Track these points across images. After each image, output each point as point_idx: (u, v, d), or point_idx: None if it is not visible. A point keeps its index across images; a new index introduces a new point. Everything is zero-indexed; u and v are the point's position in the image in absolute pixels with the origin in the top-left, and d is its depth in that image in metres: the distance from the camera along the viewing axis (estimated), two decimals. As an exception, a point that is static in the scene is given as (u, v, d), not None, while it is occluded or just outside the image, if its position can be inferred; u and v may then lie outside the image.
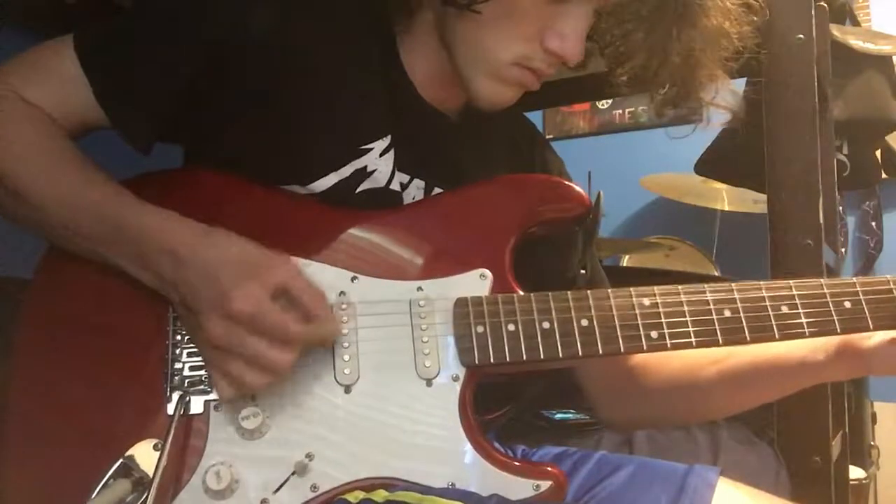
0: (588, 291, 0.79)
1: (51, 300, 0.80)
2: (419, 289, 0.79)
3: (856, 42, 1.81)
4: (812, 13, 1.23)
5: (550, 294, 0.79)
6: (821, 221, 1.20)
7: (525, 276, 0.82)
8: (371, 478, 0.73)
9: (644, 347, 0.77)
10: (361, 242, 0.81)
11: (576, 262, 1.03)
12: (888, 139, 2.20)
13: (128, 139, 0.84)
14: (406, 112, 0.89)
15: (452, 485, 0.73)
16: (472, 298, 0.79)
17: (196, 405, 0.74)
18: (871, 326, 0.79)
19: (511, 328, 0.77)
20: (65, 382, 0.76)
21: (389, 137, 0.87)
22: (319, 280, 0.76)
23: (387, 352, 0.77)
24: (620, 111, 3.31)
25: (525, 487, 0.74)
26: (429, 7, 0.87)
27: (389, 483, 0.73)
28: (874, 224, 2.84)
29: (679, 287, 0.79)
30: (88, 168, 0.79)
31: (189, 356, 0.76)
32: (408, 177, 0.88)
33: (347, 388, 0.75)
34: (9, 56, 0.84)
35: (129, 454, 0.71)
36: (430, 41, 0.88)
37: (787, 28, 1.22)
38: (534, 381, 1.03)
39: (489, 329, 0.77)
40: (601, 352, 0.77)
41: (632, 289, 0.79)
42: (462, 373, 0.77)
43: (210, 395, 0.75)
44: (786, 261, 1.20)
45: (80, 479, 0.70)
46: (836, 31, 1.75)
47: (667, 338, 0.77)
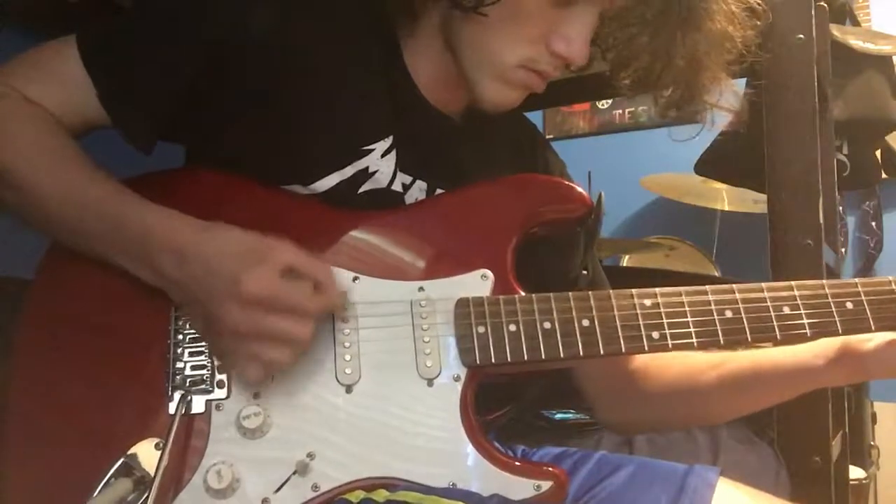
0: (589, 292, 0.79)
1: (51, 300, 0.80)
2: (420, 289, 0.79)
3: (856, 42, 1.81)
4: (812, 13, 1.23)
5: (552, 294, 0.79)
6: (821, 221, 1.20)
7: (526, 277, 0.82)
8: (372, 477, 0.73)
9: (645, 348, 0.78)
10: (363, 243, 0.82)
11: (577, 263, 1.03)
12: (888, 139, 2.20)
13: (129, 139, 0.84)
14: (408, 113, 0.89)
15: (453, 485, 0.74)
16: (474, 299, 0.79)
17: (197, 404, 0.74)
18: (873, 327, 0.79)
19: (512, 328, 0.77)
20: (66, 382, 0.76)
21: (391, 138, 0.87)
22: None
23: (388, 352, 0.77)
24: (620, 111, 3.31)
25: (526, 487, 0.74)
26: (434, 9, 0.86)
27: (390, 483, 0.73)
28: (874, 224, 2.84)
29: (681, 288, 0.79)
30: (90, 166, 0.80)
31: (191, 355, 0.76)
32: (410, 178, 0.88)
33: (349, 388, 0.76)
34: (9, 56, 0.84)
35: (131, 453, 0.71)
36: (435, 43, 0.88)
37: (787, 28, 1.22)
38: (534, 382, 1.03)
39: (490, 329, 0.77)
40: (602, 352, 0.77)
41: (633, 290, 0.79)
42: (463, 373, 0.77)
43: (212, 395, 0.75)
44: (786, 261, 1.20)
45: (82, 479, 0.70)
46: (836, 31, 1.75)
47: (668, 338, 0.78)
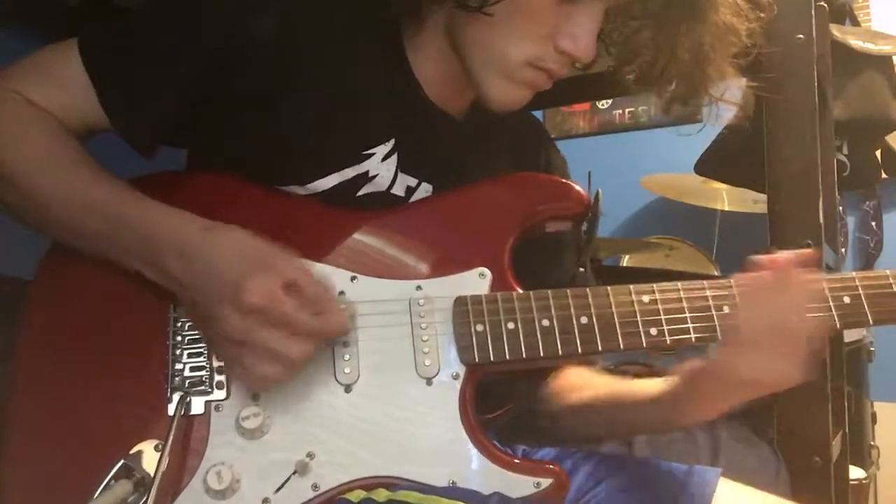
0: (587, 289, 0.79)
1: (51, 301, 0.80)
2: (418, 288, 0.79)
3: (856, 42, 1.81)
4: (812, 13, 1.23)
5: (550, 292, 0.79)
6: (821, 221, 1.20)
7: (524, 275, 0.82)
8: (372, 477, 0.73)
9: (644, 344, 0.78)
10: (361, 242, 0.82)
11: (575, 261, 1.03)
12: (888, 139, 2.20)
13: (131, 143, 0.84)
14: (412, 114, 0.88)
15: (453, 483, 0.74)
16: (472, 297, 0.79)
17: (197, 406, 0.74)
18: (871, 321, 0.79)
19: (511, 326, 0.77)
20: (65, 383, 0.76)
21: (393, 141, 0.86)
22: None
23: (387, 351, 0.77)
24: (620, 111, 3.31)
25: (526, 485, 0.74)
26: (438, 10, 0.86)
27: (390, 482, 0.73)
28: (874, 224, 2.84)
29: (678, 284, 0.79)
30: (94, 167, 0.80)
31: (190, 357, 0.76)
32: (415, 180, 0.88)
33: (348, 388, 0.76)
34: (9, 56, 0.84)
35: (130, 455, 0.71)
36: (439, 43, 0.88)
37: (787, 28, 1.21)
38: (534, 380, 1.03)
39: (489, 327, 0.77)
40: (601, 349, 0.77)
41: (631, 286, 0.79)
42: (462, 371, 0.77)
43: (211, 396, 0.75)
44: (786, 261, 1.20)
45: (81, 480, 0.70)
46: (836, 31, 1.75)
47: (666, 334, 0.78)
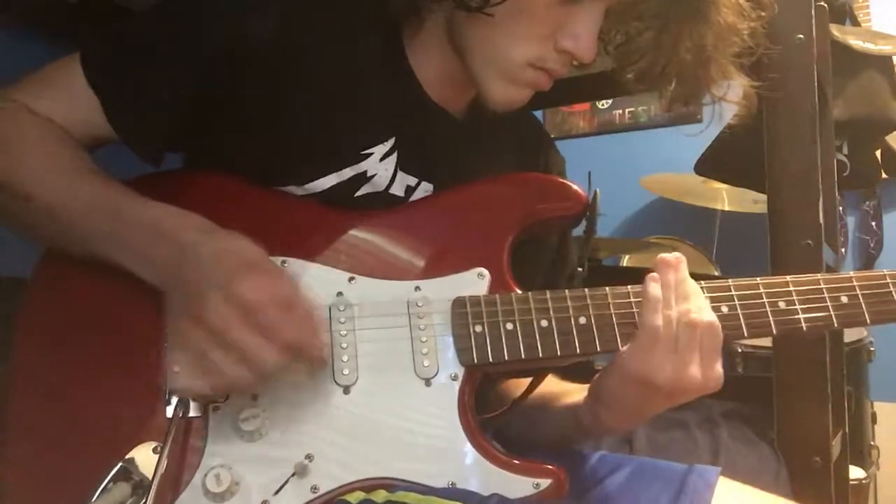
0: (586, 290, 0.79)
1: (49, 301, 0.80)
2: (417, 289, 0.79)
3: (856, 42, 1.81)
4: (812, 13, 1.23)
5: (548, 293, 0.79)
6: (821, 221, 1.20)
7: (522, 275, 0.82)
8: (371, 478, 0.73)
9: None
10: (359, 243, 0.81)
11: (573, 261, 1.03)
12: (888, 139, 2.20)
13: (139, 154, 0.84)
14: (412, 113, 0.88)
15: (453, 484, 0.73)
16: (471, 298, 0.79)
17: (195, 408, 0.74)
18: (868, 321, 0.79)
19: (509, 327, 0.77)
20: (63, 385, 0.76)
21: (393, 140, 0.86)
22: (317, 281, 0.76)
23: (385, 352, 0.77)
24: (620, 111, 3.31)
25: (525, 486, 0.74)
26: (439, 10, 0.86)
27: (389, 483, 0.73)
28: (874, 224, 2.84)
29: None
30: (94, 169, 0.80)
31: (188, 358, 0.76)
32: (415, 180, 0.88)
33: (346, 389, 0.75)
34: (9, 56, 0.84)
35: (129, 457, 0.71)
36: (439, 43, 0.88)
37: (787, 28, 1.21)
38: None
39: (487, 328, 0.77)
40: (599, 349, 0.77)
41: (629, 287, 0.79)
42: (461, 372, 0.77)
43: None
44: (786, 261, 1.20)
45: (80, 483, 0.70)
46: (836, 31, 1.75)
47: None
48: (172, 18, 0.84)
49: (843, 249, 2.77)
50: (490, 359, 0.77)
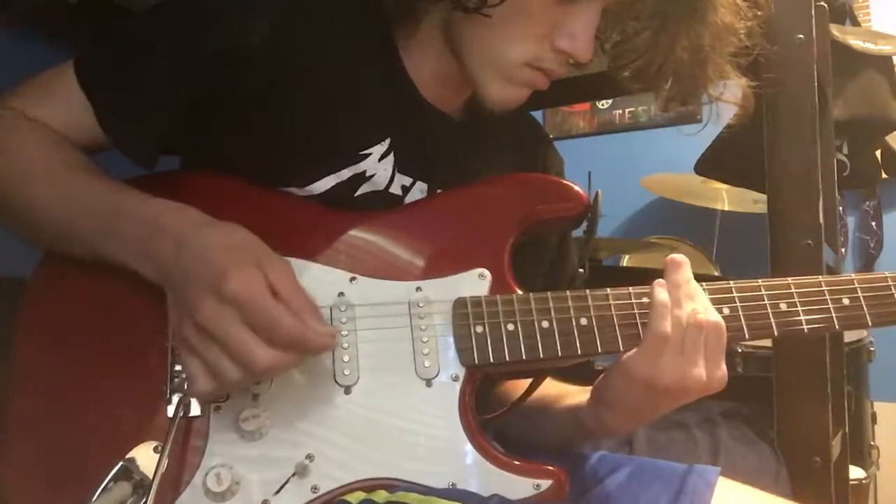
0: (587, 291, 0.79)
1: (49, 301, 0.80)
2: (418, 289, 0.79)
3: (856, 42, 1.81)
4: (812, 13, 1.23)
5: (549, 293, 0.79)
6: (821, 221, 1.20)
7: (523, 276, 0.82)
8: (371, 478, 0.73)
9: (643, 345, 0.78)
10: (360, 243, 0.81)
11: (574, 262, 1.03)
12: (888, 139, 2.20)
13: (132, 158, 0.84)
14: (407, 113, 0.88)
15: (453, 485, 0.74)
16: (472, 298, 0.79)
17: (196, 407, 0.74)
18: (870, 323, 0.79)
19: (510, 328, 0.77)
20: (64, 384, 0.76)
21: (389, 141, 0.86)
22: (318, 281, 0.76)
23: (386, 352, 0.77)
24: (620, 111, 3.31)
25: (526, 487, 0.74)
26: (436, 11, 0.86)
27: (390, 484, 0.73)
28: (874, 224, 2.84)
29: None
30: (91, 169, 0.80)
31: (189, 357, 0.76)
32: (410, 179, 0.88)
33: (347, 389, 0.75)
34: (9, 56, 0.85)
35: (130, 457, 0.71)
36: (434, 43, 0.88)
37: (787, 28, 1.21)
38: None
39: (488, 329, 0.77)
40: (600, 350, 0.77)
41: (630, 288, 0.79)
42: (462, 373, 0.77)
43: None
44: (786, 261, 1.20)
45: (80, 482, 0.70)
46: (836, 31, 1.75)
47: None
48: (170, 20, 0.84)
49: (843, 249, 2.77)
50: (491, 359, 0.77)
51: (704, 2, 0.84)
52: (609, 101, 3.28)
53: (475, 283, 0.80)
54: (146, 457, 0.71)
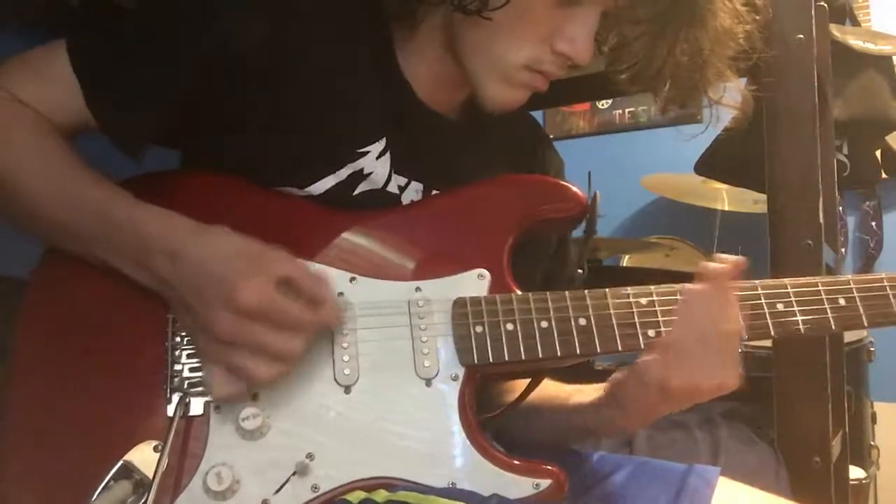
0: (586, 291, 0.79)
1: (48, 301, 0.80)
2: (418, 289, 0.79)
3: (856, 42, 1.81)
4: (812, 13, 1.23)
5: (548, 294, 0.79)
6: (821, 221, 1.20)
7: (522, 276, 0.82)
8: (371, 478, 0.73)
9: (641, 346, 0.78)
10: (359, 243, 0.82)
11: (573, 262, 1.03)
12: (888, 139, 2.20)
13: (118, 145, 0.83)
14: (402, 114, 0.88)
15: (453, 484, 0.74)
16: (471, 298, 0.79)
17: (196, 406, 0.74)
18: (866, 323, 0.79)
19: (510, 328, 0.77)
20: (64, 384, 0.76)
21: (384, 140, 0.87)
22: None
23: (386, 352, 0.77)
24: (620, 111, 3.31)
25: (525, 486, 0.74)
26: (435, 12, 0.86)
27: (390, 483, 0.73)
28: (874, 224, 2.84)
29: (676, 286, 0.80)
30: (83, 168, 0.79)
31: (188, 357, 0.76)
32: (405, 179, 0.88)
33: (347, 389, 0.76)
34: (9, 56, 0.84)
35: (129, 456, 0.71)
36: (432, 44, 0.88)
37: (787, 28, 1.22)
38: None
39: (488, 329, 0.77)
40: (599, 350, 0.78)
41: (629, 288, 0.79)
42: (461, 372, 0.77)
43: (210, 396, 0.75)
44: (786, 261, 1.20)
45: (81, 481, 0.70)
46: (836, 31, 1.75)
47: (664, 336, 0.78)
48: (170, 15, 0.84)
49: (843, 249, 2.77)
50: (490, 359, 0.77)
51: (704, 6, 0.84)
52: (609, 101, 3.28)
53: (474, 284, 0.80)
54: (146, 456, 0.71)
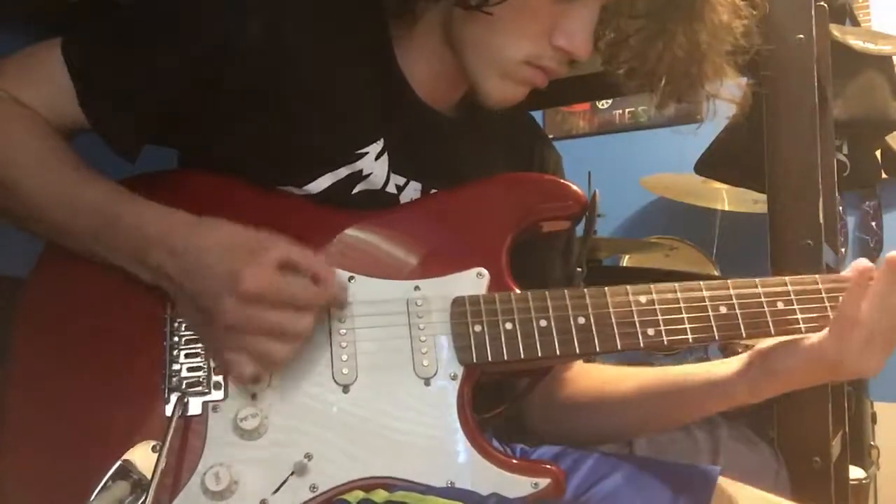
0: (585, 289, 0.79)
1: (47, 300, 0.80)
2: (416, 288, 0.79)
3: (856, 42, 1.81)
4: (812, 13, 1.23)
5: (547, 292, 0.79)
6: (821, 221, 1.20)
7: (521, 275, 0.82)
8: (370, 477, 0.73)
9: (641, 344, 0.78)
10: (358, 242, 0.81)
11: (572, 260, 1.03)
12: (888, 139, 2.21)
13: (109, 144, 0.83)
14: (400, 113, 0.88)
15: (452, 484, 0.74)
16: (470, 297, 0.79)
17: (194, 406, 0.74)
18: None
19: (508, 327, 0.77)
20: (62, 383, 0.76)
21: (382, 141, 0.86)
22: None
23: (385, 351, 0.77)
24: (620, 111, 3.31)
25: (524, 485, 0.74)
26: (434, 9, 0.86)
27: (389, 483, 0.73)
28: (874, 224, 2.84)
29: (675, 284, 0.80)
30: (81, 167, 0.79)
31: (187, 357, 0.76)
32: (404, 179, 0.88)
33: (346, 388, 0.75)
34: (9, 55, 0.84)
35: (128, 456, 0.71)
36: (431, 40, 0.88)
37: (787, 28, 1.21)
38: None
39: (487, 328, 0.77)
40: (598, 349, 0.77)
41: (628, 286, 0.79)
42: (460, 371, 0.77)
43: (208, 396, 0.75)
44: (786, 261, 1.20)
45: (79, 481, 0.70)
46: (836, 31, 1.75)
47: (663, 335, 0.78)
48: (167, 15, 0.84)
49: (843, 249, 2.77)
50: (489, 358, 0.77)
51: (702, 2, 0.84)
52: (609, 101, 3.28)
53: (473, 282, 0.80)
54: (144, 456, 0.71)
